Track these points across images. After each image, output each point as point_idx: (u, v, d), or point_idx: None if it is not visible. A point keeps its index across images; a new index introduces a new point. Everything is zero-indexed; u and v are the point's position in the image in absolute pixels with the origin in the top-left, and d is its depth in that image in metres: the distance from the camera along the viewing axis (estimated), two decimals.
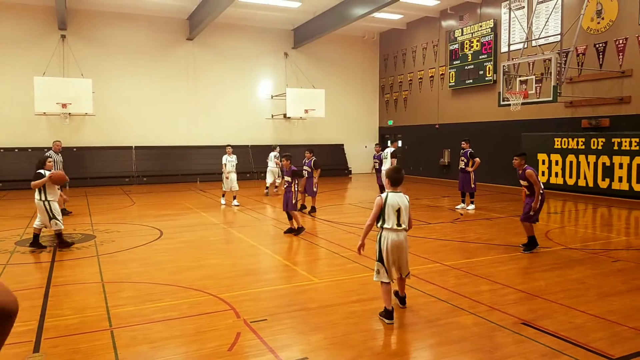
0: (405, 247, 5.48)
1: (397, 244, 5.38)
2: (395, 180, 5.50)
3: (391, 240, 5.37)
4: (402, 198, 5.45)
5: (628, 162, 15.37)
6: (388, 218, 5.39)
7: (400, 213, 5.38)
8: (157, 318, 5.51)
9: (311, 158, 13.83)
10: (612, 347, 4.65)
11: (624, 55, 15.97)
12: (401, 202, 5.41)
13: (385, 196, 5.42)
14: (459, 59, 22.47)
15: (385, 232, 5.41)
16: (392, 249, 5.37)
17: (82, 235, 10.56)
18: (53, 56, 20.99)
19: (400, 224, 5.39)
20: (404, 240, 5.46)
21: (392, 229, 5.38)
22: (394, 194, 5.44)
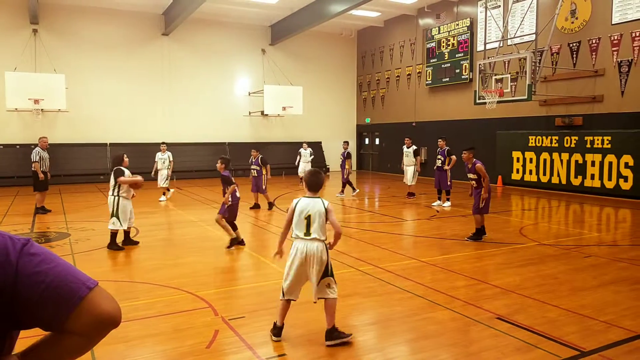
0: (318, 261, 4.68)
1: (306, 256, 4.69)
2: (310, 183, 4.89)
3: (299, 250, 4.72)
4: (316, 203, 4.76)
5: (600, 160, 15.70)
6: (296, 226, 4.78)
7: (311, 221, 4.70)
8: (134, 316, 5.46)
9: (257, 156, 13.72)
10: (584, 340, 4.76)
11: (597, 55, 16.29)
12: (313, 208, 4.73)
13: (297, 201, 4.83)
14: (435, 57, 22.67)
15: (295, 242, 4.80)
16: (298, 261, 4.72)
17: (57, 233, 10.39)
18: (24, 51, 20.56)
19: (309, 233, 4.71)
20: (316, 252, 4.69)
21: (300, 239, 4.74)
22: (308, 199, 4.80)
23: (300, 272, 4.77)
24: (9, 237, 1.35)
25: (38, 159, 13.01)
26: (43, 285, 1.31)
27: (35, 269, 1.32)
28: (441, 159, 14.05)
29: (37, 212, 12.89)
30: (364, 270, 7.33)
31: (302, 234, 4.73)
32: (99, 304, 1.34)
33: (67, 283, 1.33)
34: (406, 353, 4.68)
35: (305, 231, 4.72)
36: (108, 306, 1.36)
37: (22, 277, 1.30)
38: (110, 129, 22.61)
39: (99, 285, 1.38)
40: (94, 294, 1.35)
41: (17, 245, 1.33)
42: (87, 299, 1.33)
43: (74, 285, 1.34)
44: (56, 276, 1.33)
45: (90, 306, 1.33)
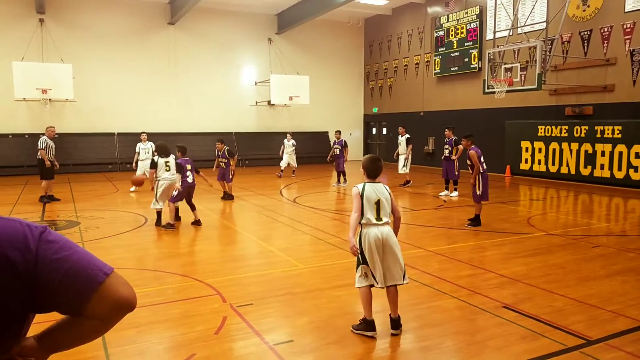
0: (394, 242, 4.75)
1: (381, 241, 4.66)
2: (371, 170, 4.86)
3: (373, 236, 4.66)
4: (381, 189, 4.80)
5: (610, 150, 15.60)
6: (366, 212, 4.71)
7: (380, 205, 4.73)
8: (143, 303, 5.51)
9: (224, 148, 13.67)
10: (590, 329, 4.77)
11: (608, 44, 16.11)
12: (380, 193, 4.77)
13: (362, 187, 4.79)
14: (444, 46, 22.51)
15: (365, 229, 4.73)
16: (375, 247, 4.65)
17: (67, 221, 10.48)
18: (31, 40, 20.61)
19: (380, 218, 4.72)
20: (390, 234, 4.75)
21: (372, 224, 4.71)
22: (371, 185, 4.81)
23: (378, 255, 4.67)
24: (27, 224, 1.38)
25: (45, 147, 13.04)
26: (62, 272, 1.35)
27: (54, 255, 1.36)
28: (448, 149, 14.05)
29: (42, 199, 12.90)
30: None
31: (373, 219, 4.70)
32: (116, 290, 1.39)
33: (85, 269, 1.37)
34: (412, 340, 4.70)
35: (377, 216, 4.71)
36: (124, 291, 1.41)
37: (42, 263, 1.34)
38: (118, 119, 22.66)
39: (115, 272, 1.43)
40: (111, 280, 1.40)
41: (35, 233, 1.37)
42: (105, 285, 1.38)
43: (91, 271, 1.38)
44: (74, 263, 1.37)
45: (107, 291, 1.37)
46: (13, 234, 1.34)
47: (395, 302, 4.77)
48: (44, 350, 1.44)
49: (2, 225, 1.36)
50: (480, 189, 9.71)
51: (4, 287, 1.30)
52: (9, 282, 1.30)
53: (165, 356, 4.33)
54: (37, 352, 1.42)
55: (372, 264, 4.66)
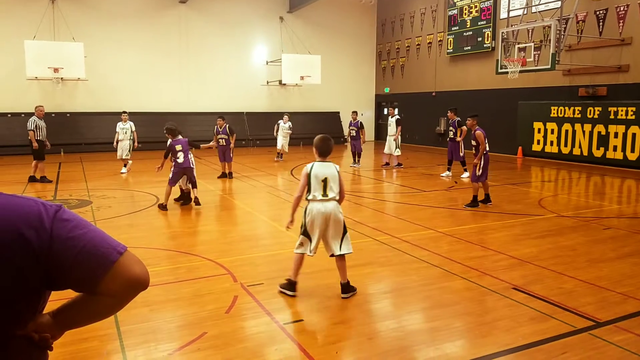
0: (335, 219, 5.07)
1: (325, 216, 5.02)
2: (322, 150, 5.22)
3: (317, 211, 5.04)
4: (329, 168, 5.14)
5: (623, 132, 15.42)
6: (314, 189, 5.08)
7: (327, 183, 5.06)
8: (155, 282, 5.59)
9: (224, 125, 13.63)
10: (600, 311, 4.77)
11: (624, 23, 15.82)
12: (328, 172, 5.10)
13: (311, 166, 5.15)
14: (457, 25, 22.23)
15: (311, 204, 5.11)
16: (317, 221, 5.03)
17: (79, 200, 10.59)
18: (43, 19, 20.61)
19: (326, 194, 5.05)
20: (333, 211, 5.06)
21: (317, 200, 5.06)
22: (321, 164, 5.15)
23: (321, 231, 5.07)
24: (42, 203, 1.40)
25: (34, 128, 12.90)
26: (76, 250, 1.37)
27: (69, 234, 1.38)
28: (452, 131, 14.01)
29: (32, 179, 12.83)
30: (380, 240, 7.38)
31: (319, 195, 5.05)
32: (129, 268, 1.41)
33: (99, 248, 1.39)
34: (421, 321, 4.74)
35: (323, 193, 5.06)
36: (138, 270, 1.42)
37: (56, 242, 1.36)
38: (129, 98, 22.66)
39: (128, 250, 1.45)
40: (125, 259, 1.41)
41: (50, 212, 1.39)
42: (118, 263, 1.40)
43: (105, 250, 1.40)
44: (88, 241, 1.39)
45: (121, 270, 1.39)
46: (28, 212, 1.36)
47: (343, 269, 5.18)
48: (59, 327, 1.47)
49: (17, 203, 1.38)
50: (480, 170, 9.74)
51: (19, 265, 1.32)
52: (24, 260, 1.32)
53: (176, 334, 4.40)
54: (52, 328, 1.45)
55: (311, 235, 5.11)
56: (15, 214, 1.35)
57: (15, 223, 1.33)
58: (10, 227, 1.32)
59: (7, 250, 1.31)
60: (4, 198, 1.38)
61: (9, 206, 1.36)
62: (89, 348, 4.08)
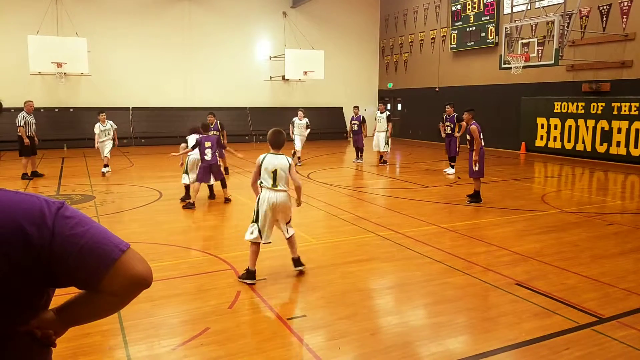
0: (285, 206, 5.57)
1: (274, 205, 5.49)
2: (274, 142, 5.61)
3: (268, 200, 5.49)
4: (280, 160, 5.53)
5: (627, 127, 15.37)
6: (264, 179, 5.52)
7: (277, 174, 5.48)
8: (158, 277, 5.60)
9: (214, 121, 13.50)
10: (603, 307, 4.77)
11: (628, 18, 15.75)
12: (278, 163, 5.50)
13: (263, 157, 5.54)
14: (460, 21, 22.14)
15: (264, 192, 5.55)
16: (269, 209, 5.48)
17: (82, 195, 10.61)
18: (46, 14, 20.60)
19: (276, 185, 5.49)
20: (283, 200, 5.54)
21: (269, 189, 5.51)
22: (273, 156, 5.54)
23: (270, 217, 5.51)
24: (44, 200, 1.40)
25: (23, 124, 12.85)
26: (78, 247, 1.36)
27: (71, 231, 1.37)
28: (450, 126, 13.97)
29: (24, 177, 12.78)
30: (383, 236, 7.38)
31: (269, 185, 5.49)
32: (131, 266, 1.40)
33: (100, 245, 1.39)
34: (424, 316, 4.75)
35: (273, 183, 5.48)
36: (140, 267, 1.41)
37: (58, 238, 1.35)
38: (133, 93, 22.70)
39: (131, 248, 1.44)
40: (127, 256, 1.40)
41: (52, 208, 1.38)
42: (120, 261, 1.38)
43: (107, 247, 1.39)
44: (90, 238, 1.38)
45: (123, 268, 1.38)
46: (30, 208, 1.36)
47: (293, 246, 5.75)
48: (62, 324, 1.47)
49: (19, 200, 1.37)
50: (477, 165, 9.72)
51: (20, 262, 1.32)
52: (25, 257, 1.32)
53: (179, 329, 4.41)
54: (55, 325, 1.45)
55: (262, 221, 5.50)
56: (17, 210, 1.34)
57: (17, 219, 1.33)
58: (12, 223, 1.32)
59: (9, 247, 1.31)
60: (6, 194, 1.38)
61: (11, 202, 1.36)
62: (92, 343, 4.09)
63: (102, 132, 13.84)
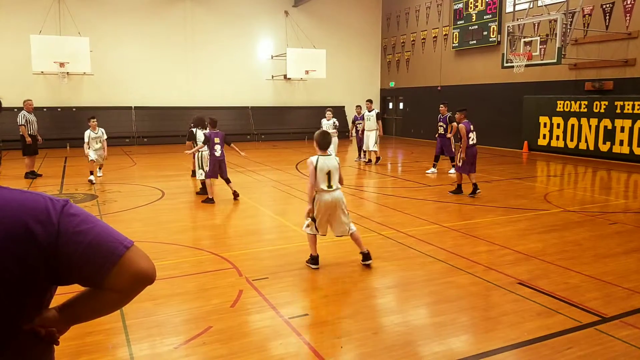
0: (339, 206, 5.72)
1: (329, 204, 5.65)
2: (322, 144, 5.77)
3: (324, 201, 5.63)
4: (331, 160, 5.71)
5: (630, 126, 15.33)
6: (319, 181, 5.63)
7: (331, 175, 5.65)
8: (160, 276, 5.57)
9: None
10: (606, 306, 4.76)
11: (631, 16, 15.70)
12: (330, 164, 5.66)
13: (315, 160, 5.67)
14: (463, 19, 22.11)
15: (318, 195, 5.69)
16: (325, 209, 5.66)
17: (84, 195, 10.63)
18: (49, 13, 20.63)
19: (331, 185, 5.65)
20: (338, 200, 5.70)
21: (324, 191, 5.63)
22: (324, 157, 5.71)
23: (327, 217, 5.72)
24: (49, 198, 1.41)
25: (24, 123, 12.86)
26: (83, 245, 1.37)
27: (76, 228, 1.38)
28: (443, 126, 13.80)
29: (27, 176, 12.80)
30: (386, 235, 7.38)
31: (325, 186, 5.62)
32: (136, 262, 1.41)
33: (105, 242, 1.39)
34: (426, 316, 4.74)
35: (328, 184, 5.64)
36: (144, 264, 1.42)
37: (64, 236, 1.36)
38: (135, 93, 22.73)
39: (135, 245, 1.45)
40: (131, 253, 1.41)
41: (57, 206, 1.39)
42: (125, 258, 1.39)
43: (112, 244, 1.40)
44: (95, 236, 1.39)
45: (127, 264, 1.39)
46: (35, 207, 1.37)
47: (359, 242, 5.88)
48: (65, 321, 1.48)
49: (25, 198, 1.38)
50: (460, 162, 10.23)
51: (25, 259, 1.32)
52: (30, 254, 1.33)
53: (181, 328, 4.41)
54: (58, 323, 1.46)
55: (319, 222, 5.72)
56: (22, 208, 1.35)
57: (22, 217, 1.33)
58: (18, 221, 1.33)
59: (14, 244, 1.31)
60: (11, 193, 1.39)
61: (17, 200, 1.37)
62: (94, 342, 4.10)
63: (94, 139, 12.59)
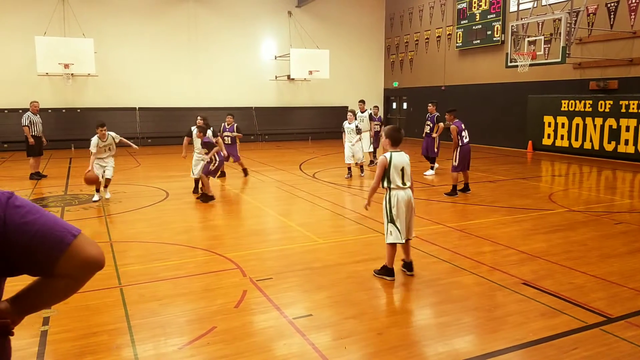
0: (414, 205, 5.54)
1: (407, 202, 5.42)
2: (396, 139, 5.53)
3: (401, 198, 5.39)
4: (404, 157, 5.50)
5: (635, 125, 15.26)
6: (393, 178, 5.39)
7: (405, 172, 5.43)
8: (165, 276, 5.62)
9: (232, 123, 13.12)
10: (611, 306, 4.74)
11: (636, 15, 15.64)
12: (404, 161, 5.45)
13: (390, 156, 5.42)
14: (466, 19, 22.07)
15: (394, 191, 5.43)
16: (405, 207, 5.40)
17: (89, 195, 10.65)
18: (53, 15, 20.70)
19: (405, 183, 5.43)
20: (411, 197, 5.50)
21: (399, 188, 5.41)
22: (398, 154, 5.46)
23: (406, 216, 5.45)
24: None
25: (28, 123, 12.88)
26: (31, 234, 1.40)
27: (22, 219, 1.41)
28: (429, 125, 13.65)
29: (32, 177, 12.81)
30: None
31: (400, 183, 5.40)
32: (84, 249, 1.45)
33: (53, 232, 1.43)
34: (430, 316, 4.73)
35: (402, 181, 5.42)
36: (92, 250, 1.47)
37: (10, 227, 1.39)
38: (139, 93, 22.79)
39: (82, 233, 1.48)
40: (79, 241, 1.45)
41: (2, 199, 1.42)
42: (73, 245, 1.43)
43: (60, 233, 1.44)
44: (42, 225, 1.43)
45: (76, 251, 1.43)
46: None
47: (409, 250, 5.65)
48: (18, 312, 1.51)
49: None
50: (456, 161, 10.27)
51: None
52: None
53: (186, 329, 4.42)
54: (11, 314, 1.48)
55: (400, 222, 5.39)
56: None
57: None
58: None
59: None
60: None
61: None
62: (98, 342, 4.11)
63: (104, 147, 10.75)
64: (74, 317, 4.55)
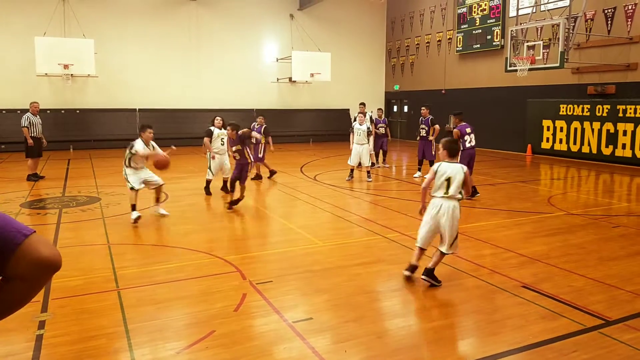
0: (453, 217, 5.40)
1: (442, 213, 5.37)
2: (452, 150, 5.62)
3: (437, 207, 5.42)
4: (455, 167, 5.46)
5: (632, 129, 15.31)
6: (436, 187, 5.48)
7: (450, 182, 5.39)
8: (163, 279, 5.62)
9: (262, 124, 13.10)
10: (610, 309, 4.75)
11: (632, 21, 15.70)
12: (452, 171, 5.42)
13: (438, 165, 5.52)
14: (466, 23, 22.12)
15: (433, 199, 5.52)
16: (435, 217, 5.42)
17: (87, 197, 10.64)
18: (54, 16, 20.71)
19: (447, 192, 5.40)
20: (452, 208, 5.39)
21: (440, 197, 5.44)
22: (448, 164, 5.50)
23: (435, 224, 5.46)
24: None
25: (27, 124, 12.85)
26: None
27: None
28: (425, 129, 13.69)
29: (29, 179, 12.78)
30: (390, 238, 7.37)
31: (442, 193, 5.43)
32: (36, 249, 1.41)
33: (3, 232, 1.40)
34: (430, 319, 4.73)
35: (445, 190, 5.41)
36: (45, 251, 1.42)
37: None
38: (139, 94, 22.78)
39: (36, 233, 1.44)
40: (31, 241, 1.42)
41: None
42: (25, 245, 1.40)
43: (10, 233, 1.41)
44: None
45: (27, 252, 1.40)
46: None
47: (437, 261, 5.50)
48: None
49: None
50: None
51: None
52: None
53: (184, 332, 4.40)
54: None
55: (425, 227, 5.52)
56: None
57: None
58: None
59: None
60: None
61: None
62: (96, 346, 4.09)
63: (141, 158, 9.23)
64: (70, 320, 4.53)
